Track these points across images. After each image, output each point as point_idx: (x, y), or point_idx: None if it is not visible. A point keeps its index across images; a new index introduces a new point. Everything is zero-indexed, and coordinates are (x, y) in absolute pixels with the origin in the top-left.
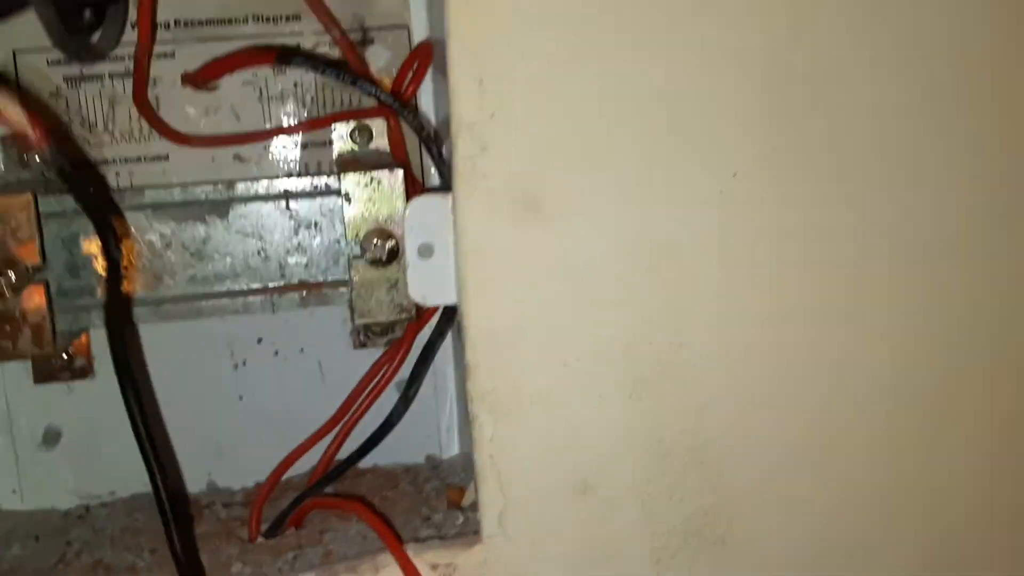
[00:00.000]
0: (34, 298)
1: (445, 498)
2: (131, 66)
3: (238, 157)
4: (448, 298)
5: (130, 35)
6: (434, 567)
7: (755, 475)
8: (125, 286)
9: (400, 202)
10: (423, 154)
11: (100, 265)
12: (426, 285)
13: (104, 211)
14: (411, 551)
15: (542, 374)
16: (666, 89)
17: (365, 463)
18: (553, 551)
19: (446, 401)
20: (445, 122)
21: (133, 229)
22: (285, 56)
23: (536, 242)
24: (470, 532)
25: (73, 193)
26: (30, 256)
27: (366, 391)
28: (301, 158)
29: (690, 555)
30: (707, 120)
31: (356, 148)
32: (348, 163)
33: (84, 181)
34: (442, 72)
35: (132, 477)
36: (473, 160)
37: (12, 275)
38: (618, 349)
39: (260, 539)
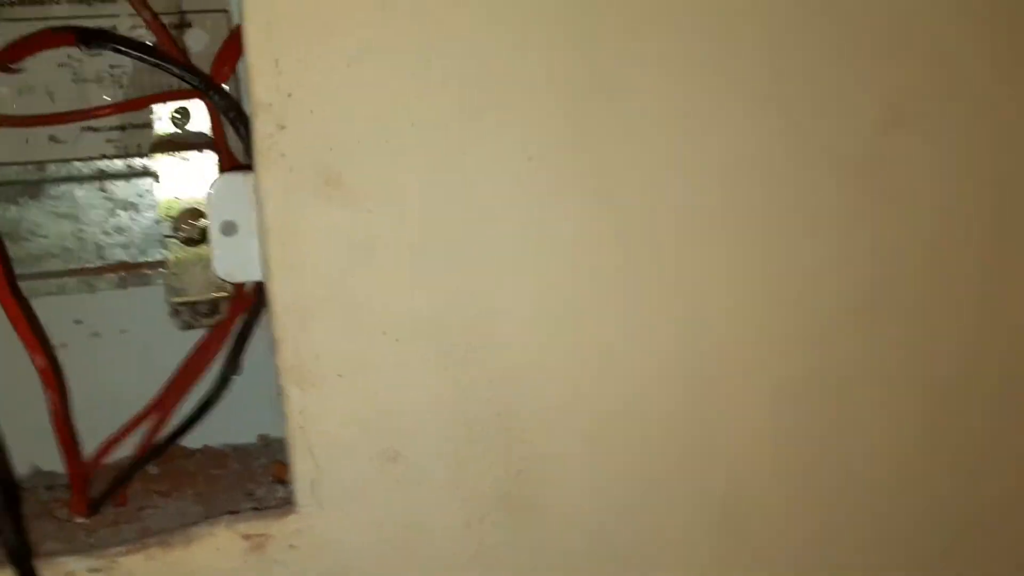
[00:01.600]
0: None
1: (271, 474)
2: None
3: (53, 138)
4: (253, 275)
5: None
6: (247, 537)
7: (560, 441)
8: None
9: None
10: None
11: None
12: (231, 262)
13: None
14: (224, 523)
15: (348, 347)
16: (463, 72)
17: (194, 444)
18: (366, 518)
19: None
20: None
21: None
22: (86, 36)
23: (338, 218)
24: (286, 503)
25: None
26: None
27: (188, 372)
28: (120, 140)
29: (500, 519)
30: (504, 104)
31: (177, 130)
32: (167, 145)
33: None
34: None
35: None
36: (272, 138)
37: None
38: (423, 322)
39: (79, 519)
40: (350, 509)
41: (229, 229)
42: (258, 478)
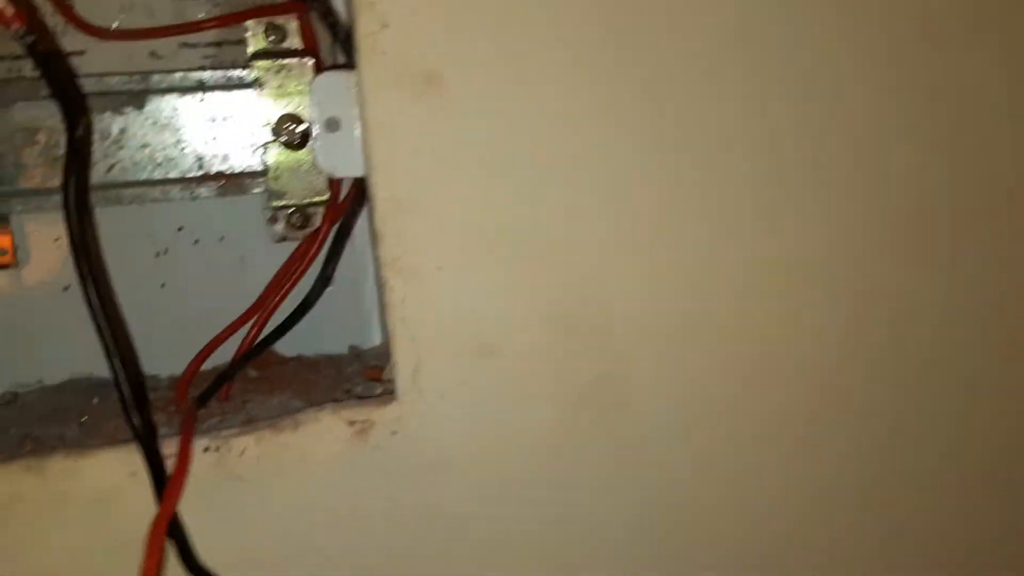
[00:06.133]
0: None
1: (365, 376)
2: None
3: (153, 54)
4: (356, 170)
5: None
6: (351, 423)
7: (647, 345)
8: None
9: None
10: (335, 49)
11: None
12: (334, 157)
13: (72, 92)
14: (329, 410)
15: (446, 241)
16: None
17: (289, 352)
18: (462, 408)
19: (369, 292)
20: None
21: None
22: None
23: (437, 116)
24: (386, 394)
25: (43, 72)
26: None
27: (285, 279)
28: (216, 56)
29: (589, 417)
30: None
31: (269, 47)
32: (264, 55)
33: (53, 60)
34: None
35: (60, 365)
36: (374, 37)
37: None
38: (512, 221)
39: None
40: (449, 400)
41: (332, 125)
42: (353, 380)
